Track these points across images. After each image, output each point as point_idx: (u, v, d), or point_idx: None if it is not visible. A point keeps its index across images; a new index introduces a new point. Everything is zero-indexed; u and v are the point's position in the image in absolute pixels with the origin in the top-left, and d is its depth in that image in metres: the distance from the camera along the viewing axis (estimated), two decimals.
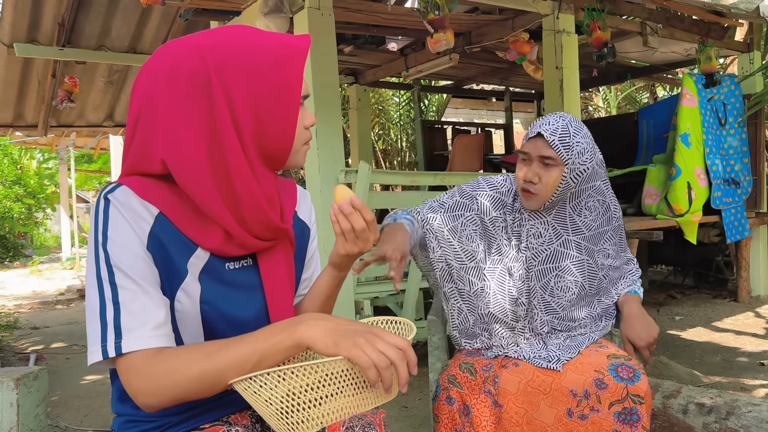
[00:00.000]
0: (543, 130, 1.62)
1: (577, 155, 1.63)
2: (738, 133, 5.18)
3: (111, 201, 1.00)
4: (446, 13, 3.67)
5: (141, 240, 0.99)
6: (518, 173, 1.70)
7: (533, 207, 1.70)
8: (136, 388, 0.96)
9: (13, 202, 14.97)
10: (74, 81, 5.94)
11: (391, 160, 10.26)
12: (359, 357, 0.92)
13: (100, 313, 0.96)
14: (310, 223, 1.29)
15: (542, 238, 1.73)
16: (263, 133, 1.02)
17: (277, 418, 0.94)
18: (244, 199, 1.02)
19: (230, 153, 1.00)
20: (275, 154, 1.06)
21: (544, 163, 1.63)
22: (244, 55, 1.00)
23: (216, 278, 1.07)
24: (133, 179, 1.03)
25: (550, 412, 1.56)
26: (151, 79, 1.01)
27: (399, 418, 2.97)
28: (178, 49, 1.01)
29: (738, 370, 3.59)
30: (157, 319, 0.99)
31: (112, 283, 0.97)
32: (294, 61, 1.03)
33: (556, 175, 1.63)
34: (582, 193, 1.71)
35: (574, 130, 1.64)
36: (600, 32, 4.22)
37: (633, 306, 1.76)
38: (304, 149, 1.12)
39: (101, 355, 0.95)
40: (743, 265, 5.52)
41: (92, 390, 3.82)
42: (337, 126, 3.52)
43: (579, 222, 1.74)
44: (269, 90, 1.01)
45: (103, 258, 0.98)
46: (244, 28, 1.05)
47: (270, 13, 3.46)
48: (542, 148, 1.63)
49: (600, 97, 11.36)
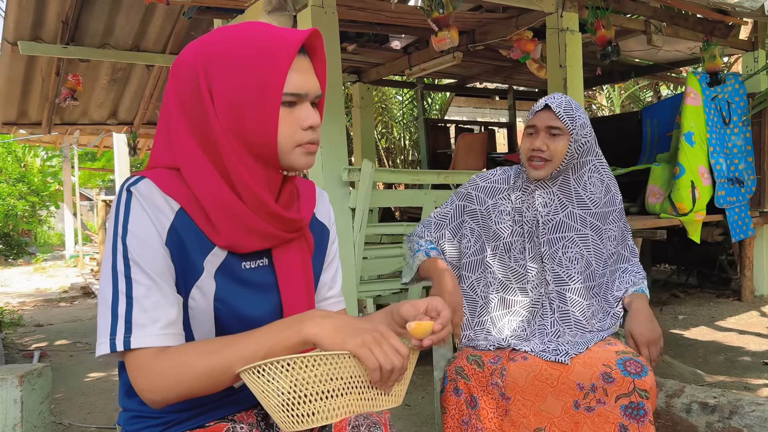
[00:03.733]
0: (549, 103, 1.75)
1: (580, 127, 1.75)
2: (742, 132, 5.16)
3: (133, 193, 1.00)
4: (450, 11, 3.66)
5: (160, 235, 0.99)
6: (524, 146, 1.79)
7: (541, 176, 1.77)
8: (142, 384, 0.96)
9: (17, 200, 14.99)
10: (78, 79, 5.95)
11: (394, 159, 10.26)
12: (367, 357, 0.92)
13: (113, 305, 0.96)
14: (329, 224, 1.27)
15: (549, 207, 1.80)
16: (244, 130, 1.01)
17: (281, 410, 0.93)
18: (238, 186, 1.02)
19: (218, 145, 1.00)
20: (260, 151, 1.02)
21: (551, 133, 1.74)
22: (229, 51, 1.00)
23: (232, 277, 1.06)
24: (157, 172, 1.03)
25: (557, 404, 1.59)
26: (170, 76, 1.06)
27: (401, 416, 2.97)
28: (187, 48, 1.05)
29: (741, 369, 3.59)
30: (169, 317, 0.99)
31: (128, 277, 0.97)
32: (280, 56, 0.99)
33: (563, 144, 1.74)
34: (583, 166, 1.81)
35: (575, 105, 1.77)
36: (604, 31, 4.21)
37: (640, 304, 1.78)
38: (300, 151, 1.04)
39: (109, 348, 0.95)
40: (747, 264, 5.51)
41: (96, 387, 3.82)
42: (340, 124, 3.52)
43: (584, 196, 1.81)
44: (251, 85, 0.99)
45: (121, 251, 0.98)
46: (247, 24, 1.05)
47: (273, 11, 3.46)
48: (550, 119, 1.74)
49: (604, 96, 11.33)
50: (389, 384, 0.95)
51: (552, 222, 1.79)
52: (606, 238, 1.82)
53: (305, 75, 1.03)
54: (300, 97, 1.03)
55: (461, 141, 7.04)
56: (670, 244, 5.36)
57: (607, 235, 1.83)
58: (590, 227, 1.80)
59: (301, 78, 1.02)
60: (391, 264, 3.75)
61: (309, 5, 3.42)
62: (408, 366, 0.99)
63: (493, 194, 1.87)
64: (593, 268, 1.78)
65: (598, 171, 1.85)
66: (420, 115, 8.02)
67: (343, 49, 5.26)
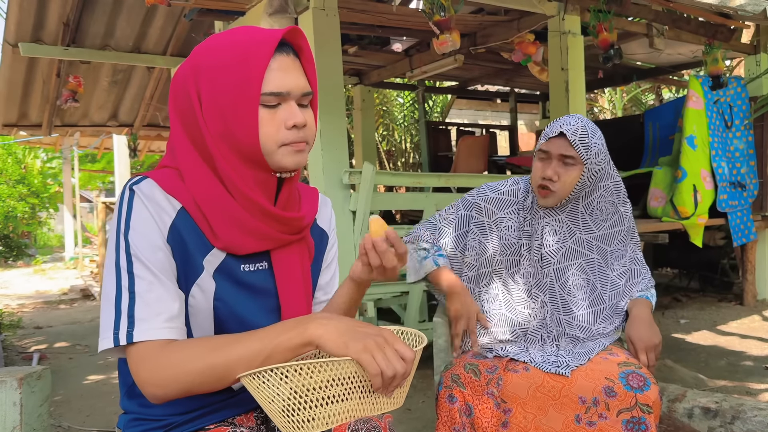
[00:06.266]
0: (565, 130, 1.67)
1: (595, 155, 1.69)
2: (744, 136, 5.15)
3: (136, 192, 1.02)
4: (452, 14, 3.66)
5: (162, 232, 1.01)
6: (536, 171, 1.74)
7: (549, 204, 1.73)
8: (145, 377, 0.96)
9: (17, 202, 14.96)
10: (78, 81, 5.95)
11: (395, 161, 10.25)
12: (369, 363, 0.91)
13: (116, 301, 0.98)
14: (329, 230, 1.28)
15: (557, 236, 1.76)
16: (229, 132, 1.02)
17: (282, 415, 0.93)
18: (230, 188, 1.04)
19: (207, 148, 1.03)
20: (246, 152, 1.03)
21: (564, 162, 1.68)
22: (213, 55, 1.03)
23: (230, 278, 1.07)
24: (161, 172, 1.06)
25: (559, 418, 1.57)
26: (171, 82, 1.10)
27: (402, 420, 2.96)
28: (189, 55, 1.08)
29: (743, 374, 3.57)
30: (171, 311, 1.00)
31: (130, 273, 0.99)
32: (257, 56, 1.00)
33: (575, 174, 1.68)
34: (594, 192, 1.76)
35: (591, 132, 1.69)
36: (606, 34, 4.20)
37: (642, 309, 1.76)
38: (287, 150, 1.04)
39: (112, 342, 0.96)
40: (749, 268, 5.49)
41: (95, 390, 3.81)
42: (341, 127, 3.52)
43: (590, 221, 1.77)
44: (232, 87, 1.01)
45: (123, 247, 0.99)
46: (235, 28, 1.07)
47: (275, 14, 3.45)
48: (564, 147, 1.67)
49: (605, 99, 11.33)
50: (390, 389, 0.94)
51: (560, 252, 1.76)
52: (613, 259, 1.80)
53: (287, 73, 1.03)
54: (282, 96, 1.03)
55: (462, 144, 7.03)
56: (672, 248, 5.34)
57: (614, 255, 1.80)
58: (596, 251, 1.78)
59: (282, 76, 1.02)
60: None
61: (310, 7, 3.42)
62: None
63: (502, 207, 1.83)
64: (599, 292, 1.76)
65: (612, 195, 1.80)
66: (421, 118, 8.02)
67: (345, 51, 5.26)
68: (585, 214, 1.77)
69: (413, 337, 1.09)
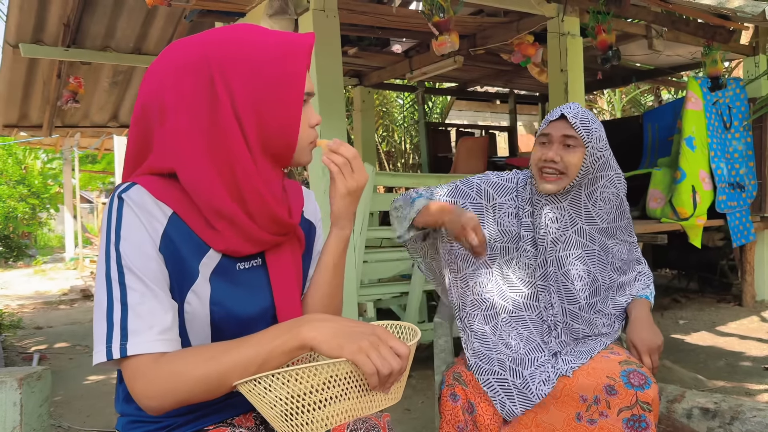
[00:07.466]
0: (566, 113, 1.66)
1: (596, 140, 1.67)
2: (743, 137, 5.16)
3: (125, 200, 0.99)
4: (451, 15, 3.66)
5: (154, 241, 0.99)
6: (536, 155, 1.71)
7: (552, 190, 1.68)
8: (139, 391, 0.95)
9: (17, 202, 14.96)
10: (79, 81, 5.95)
11: (394, 162, 10.26)
12: (364, 363, 0.91)
13: (108, 313, 0.96)
14: (315, 221, 1.29)
15: (558, 224, 1.73)
16: (266, 129, 1.02)
17: (281, 420, 0.93)
18: (247, 193, 1.02)
19: (233, 148, 1.00)
20: (279, 151, 1.05)
21: (565, 144, 1.66)
22: (245, 51, 1.01)
23: (226, 279, 1.07)
24: (147, 178, 1.03)
25: (559, 416, 1.58)
26: (158, 78, 1.02)
27: (402, 420, 2.96)
28: (184, 48, 1.03)
29: (742, 374, 3.58)
30: (164, 324, 0.98)
31: (122, 284, 0.96)
32: (295, 57, 1.03)
33: (578, 157, 1.66)
34: (597, 181, 1.73)
35: (592, 117, 1.69)
36: (605, 35, 4.21)
37: (641, 310, 1.76)
38: (310, 147, 1.12)
39: (105, 356, 0.95)
40: (748, 269, 5.50)
41: (95, 390, 3.82)
42: (341, 128, 3.52)
43: (593, 212, 1.75)
44: (271, 86, 1.01)
45: (114, 258, 0.97)
46: (247, 26, 1.06)
47: (275, 15, 3.46)
48: (565, 128, 1.66)
49: (605, 100, 11.33)
50: (387, 387, 0.94)
51: (560, 240, 1.73)
52: (614, 251, 1.78)
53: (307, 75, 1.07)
54: (310, 97, 1.08)
55: (462, 145, 7.04)
56: (671, 249, 5.35)
57: (615, 249, 1.79)
58: (598, 243, 1.75)
59: (308, 77, 1.07)
60: (392, 267, 3.75)
61: (310, 9, 3.43)
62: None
63: (501, 192, 1.79)
64: (599, 284, 1.74)
65: (615, 186, 1.77)
66: (421, 119, 8.02)
67: (344, 52, 5.27)
68: (588, 204, 1.74)
69: (407, 330, 1.10)
